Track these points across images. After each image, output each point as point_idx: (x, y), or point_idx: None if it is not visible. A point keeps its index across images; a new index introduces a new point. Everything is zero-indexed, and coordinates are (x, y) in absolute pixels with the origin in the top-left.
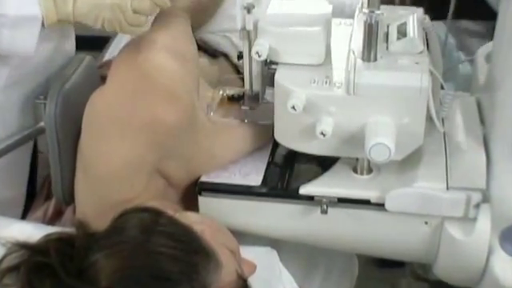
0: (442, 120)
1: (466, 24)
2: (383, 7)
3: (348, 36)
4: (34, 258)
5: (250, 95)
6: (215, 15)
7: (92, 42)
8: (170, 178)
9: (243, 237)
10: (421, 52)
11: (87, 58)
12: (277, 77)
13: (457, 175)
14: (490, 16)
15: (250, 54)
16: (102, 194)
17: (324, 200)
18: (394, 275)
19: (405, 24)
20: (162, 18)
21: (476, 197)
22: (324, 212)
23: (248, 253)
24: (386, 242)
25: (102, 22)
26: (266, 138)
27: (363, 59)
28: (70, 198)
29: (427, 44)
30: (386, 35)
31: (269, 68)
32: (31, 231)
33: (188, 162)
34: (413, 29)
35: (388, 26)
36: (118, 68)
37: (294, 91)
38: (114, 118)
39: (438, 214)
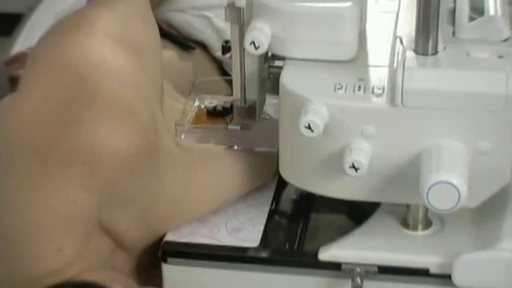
0: None
1: None
2: None
3: (393, 17)
4: None
5: (241, 107)
6: None
7: None
8: (120, 236)
9: None
10: (506, 39)
11: None
12: (283, 79)
13: None
14: None
15: (243, 45)
16: (12, 263)
17: (357, 270)
18: None
19: None
20: None
21: None
22: (358, 287)
23: None
24: None
25: None
26: (265, 173)
27: (416, 52)
28: None
29: None
30: (453, 14)
31: (270, 66)
32: None
33: (146, 212)
34: (494, 4)
35: (455, 0)
36: (38, 66)
37: (309, 101)
38: (31, 146)
39: None
